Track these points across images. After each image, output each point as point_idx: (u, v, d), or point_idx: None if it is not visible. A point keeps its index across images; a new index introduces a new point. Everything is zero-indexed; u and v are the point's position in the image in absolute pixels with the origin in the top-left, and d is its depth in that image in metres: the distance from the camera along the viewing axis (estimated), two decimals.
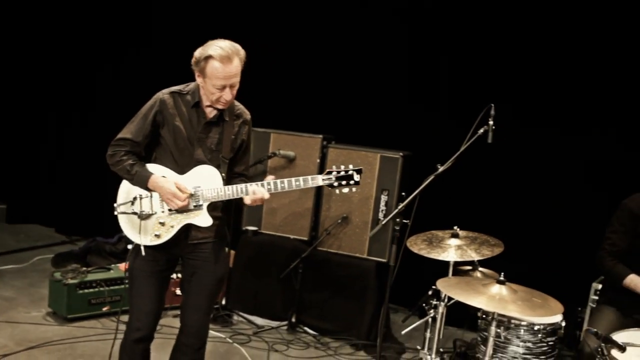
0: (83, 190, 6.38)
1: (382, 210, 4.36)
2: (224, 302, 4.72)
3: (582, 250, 3.50)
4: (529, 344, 3.13)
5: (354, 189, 2.83)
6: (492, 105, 3.19)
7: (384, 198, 4.38)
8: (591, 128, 4.53)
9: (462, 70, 4.92)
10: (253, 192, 2.74)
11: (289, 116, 5.24)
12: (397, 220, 3.26)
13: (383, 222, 3.30)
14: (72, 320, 4.32)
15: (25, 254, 5.77)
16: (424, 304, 3.69)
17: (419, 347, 3.78)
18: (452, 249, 3.43)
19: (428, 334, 3.63)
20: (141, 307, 2.88)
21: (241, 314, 4.72)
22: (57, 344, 4.01)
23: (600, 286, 3.72)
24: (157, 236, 2.80)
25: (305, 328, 4.58)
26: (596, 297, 3.72)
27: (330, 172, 2.81)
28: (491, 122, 3.19)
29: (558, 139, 4.65)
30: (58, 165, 6.72)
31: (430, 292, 3.56)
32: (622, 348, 2.72)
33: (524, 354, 3.13)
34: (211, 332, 4.35)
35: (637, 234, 3.29)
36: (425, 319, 3.67)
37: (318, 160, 4.59)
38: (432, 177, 3.23)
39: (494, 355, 3.13)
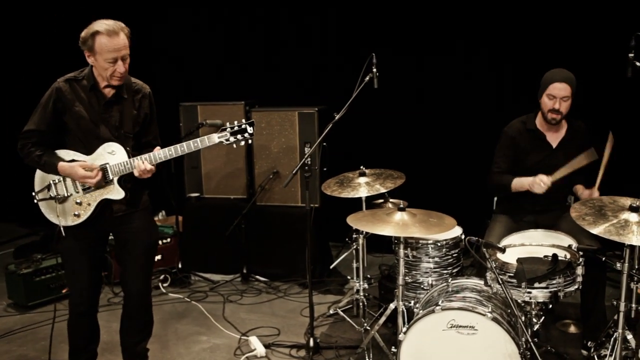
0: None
1: (307, 161, 4.72)
2: (180, 265, 5.10)
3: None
4: (437, 259, 3.50)
5: (250, 141, 2.96)
6: (374, 54, 3.50)
7: (307, 150, 4.72)
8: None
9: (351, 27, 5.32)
10: (137, 165, 2.86)
11: (214, 88, 5.55)
12: (306, 168, 3.60)
13: (294, 172, 3.61)
14: (34, 307, 4.42)
15: None
16: (347, 239, 4.12)
17: (349, 277, 4.22)
18: (361, 186, 3.82)
19: (355, 264, 4.06)
20: (77, 284, 3.05)
21: (197, 273, 5.12)
22: (19, 332, 4.10)
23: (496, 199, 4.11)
24: (77, 216, 2.95)
25: (257, 277, 5.00)
26: None
27: (224, 129, 2.92)
28: (375, 70, 3.51)
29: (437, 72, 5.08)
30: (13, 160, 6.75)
31: (353, 228, 3.94)
32: (501, 250, 3.11)
33: (434, 268, 3.51)
34: (170, 295, 4.74)
35: (516, 157, 3.66)
36: (349, 251, 4.10)
37: None
38: (330, 126, 3.53)
39: (409, 273, 3.52)
